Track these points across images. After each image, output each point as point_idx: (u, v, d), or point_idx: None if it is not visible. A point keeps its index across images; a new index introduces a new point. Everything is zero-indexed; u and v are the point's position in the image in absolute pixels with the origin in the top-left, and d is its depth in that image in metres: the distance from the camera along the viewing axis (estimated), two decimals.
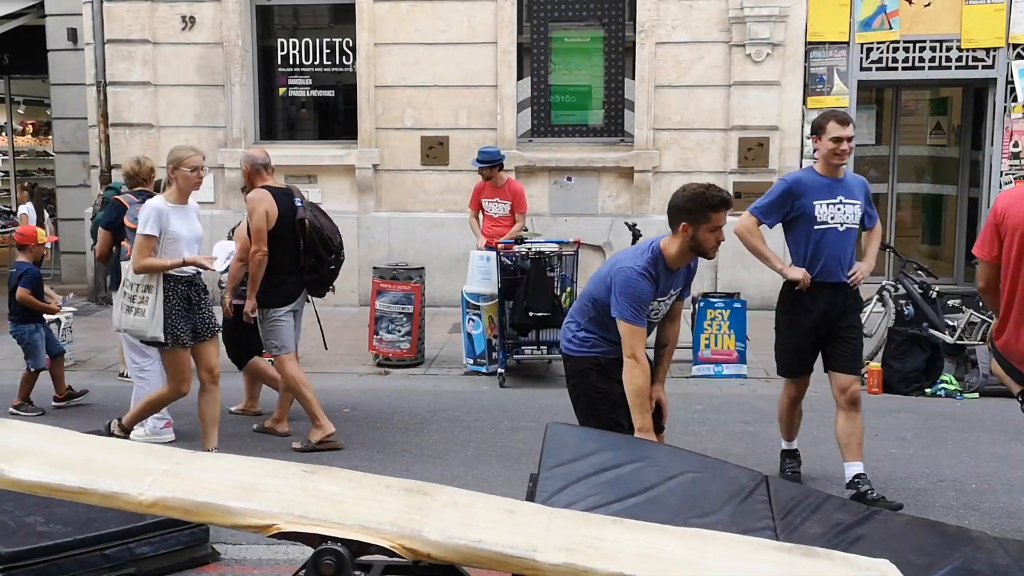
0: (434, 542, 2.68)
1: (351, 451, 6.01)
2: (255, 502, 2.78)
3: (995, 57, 10.08)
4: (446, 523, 2.80)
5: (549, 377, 7.96)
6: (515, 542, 2.72)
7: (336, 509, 2.83)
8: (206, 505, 2.77)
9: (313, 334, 9.11)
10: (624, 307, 3.93)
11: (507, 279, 7.68)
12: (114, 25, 10.77)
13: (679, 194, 4.02)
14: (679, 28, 10.31)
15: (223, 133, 10.90)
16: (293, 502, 2.81)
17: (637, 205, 10.48)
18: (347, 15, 10.76)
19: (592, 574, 2.66)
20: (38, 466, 2.90)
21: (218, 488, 2.86)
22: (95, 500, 2.84)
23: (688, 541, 2.97)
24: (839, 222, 5.00)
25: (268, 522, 2.71)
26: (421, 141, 10.71)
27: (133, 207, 6.14)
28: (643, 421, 3.95)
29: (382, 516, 2.80)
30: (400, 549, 2.67)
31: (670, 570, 2.73)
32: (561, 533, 2.88)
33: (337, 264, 6.27)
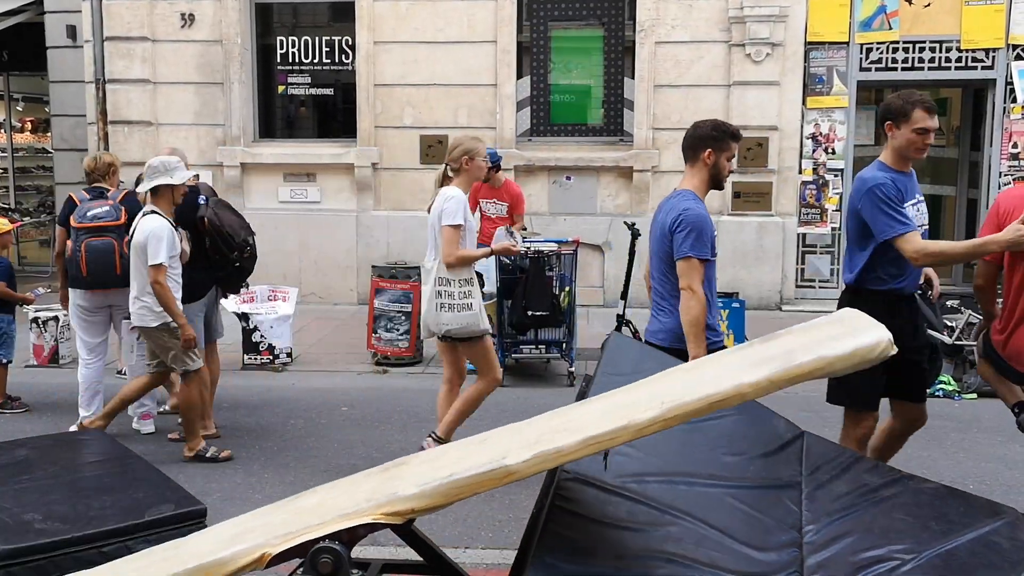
0: (410, 495, 2.65)
1: (349, 449, 6.01)
2: (242, 543, 2.77)
3: (995, 58, 10.08)
4: (419, 476, 2.78)
5: (548, 376, 7.96)
6: (485, 458, 2.70)
7: (317, 514, 2.82)
8: (197, 569, 2.76)
9: (314, 333, 9.11)
10: (691, 244, 4.11)
11: (506, 278, 7.68)
12: (113, 22, 10.77)
13: (700, 126, 4.42)
14: (679, 28, 10.31)
15: (222, 131, 10.90)
16: (276, 525, 2.80)
17: (636, 204, 10.48)
18: (346, 13, 10.76)
19: (561, 452, 2.61)
20: None
21: (206, 549, 2.86)
22: None
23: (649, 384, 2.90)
24: (920, 224, 4.31)
25: (257, 554, 2.69)
26: (420, 140, 10.70)
27: (84, 204, 6.15)
28: (698, 350, 4.05)
29: (359, 497, 2.78)
30: (383, 517, 2.63)
31: (635, 411, 2.58)
32: (529, 432, 2.87)
33: (243, 261, 6.25)
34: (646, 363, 3.77)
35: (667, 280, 4.28)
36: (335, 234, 10.85)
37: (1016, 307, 4.10)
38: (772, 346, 2.80)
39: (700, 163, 4.30)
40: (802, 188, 10.37)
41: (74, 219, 6.09)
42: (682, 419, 2.58)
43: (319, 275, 10.88)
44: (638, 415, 2.57)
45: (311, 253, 10.88)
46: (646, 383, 3.02)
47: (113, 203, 6.14)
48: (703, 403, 2.53)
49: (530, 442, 2.70)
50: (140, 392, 6.00)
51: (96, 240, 6.02)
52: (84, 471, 4.57)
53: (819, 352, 2.54)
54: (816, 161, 10.31)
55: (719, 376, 2.64)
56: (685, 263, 4.13)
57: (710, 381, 2.64)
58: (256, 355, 8.07)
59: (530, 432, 2.89)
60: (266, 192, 10.95)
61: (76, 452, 4.79)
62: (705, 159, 4.27)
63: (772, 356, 2.64)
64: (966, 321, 7.45)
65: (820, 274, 10.59)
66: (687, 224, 4.13)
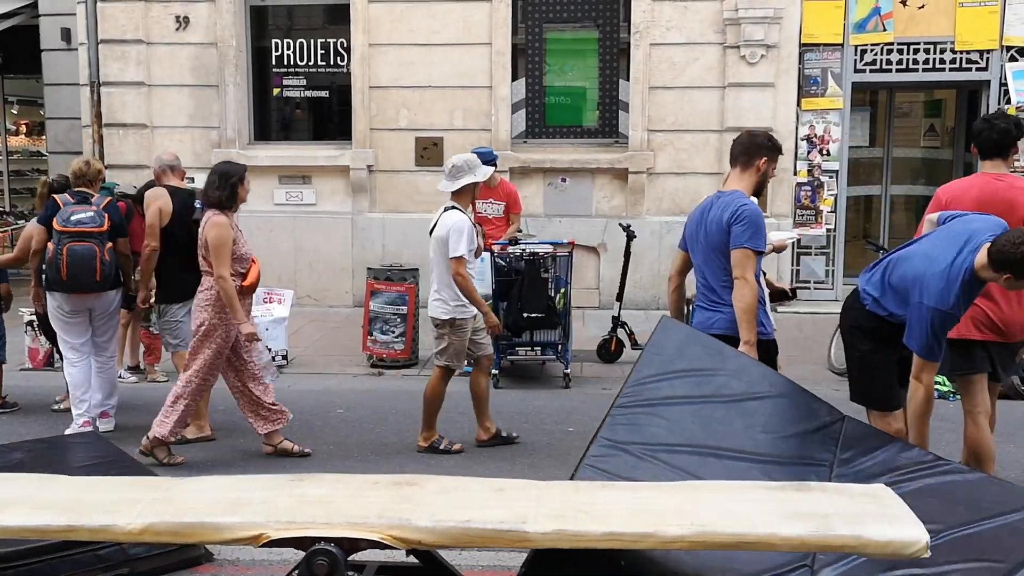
0: (423, 528, 2.66)
1: (346, 452, 6.01)
2: (242, 515, 2.77)
3: (989, 59, 10.11)
4: (434, 508, 2.78)
5: (543, 378, 7.96)
6: (504, 516, 2.70)
7: (324, 510, 2.82)
8: (194, 525, 2.76)
9: (309, 335, 9.11)
10: (748, 236, 4.34)
11: (501, 280, 7.68)
12: (108, 25, 10.75)
13: (757, 134, 4.66)
14: (673, 29, 10.32)
15: (217, 134, 10.89)
16: (280, 509, 2.80)
17: (631, 206, 10.49)
18: (341, 16, 10.75)
19: (583, 537, 2.63)
20: (24, 512, 2.88)
21: (204, 507, 2.85)
22: (84, 536, 2.84)
23: (679, 493, 2.96)
24: None
25: (256, 532, 2.70)
26: (415, 142, 10.70)
27: (67, 207, 6.11)
28: (750, 335, 4.28)
29: (369, 510, 2.78)
30: (390, 539, 2.65)
31: (663, 521, 2.66)
32: (551, 502, 2.87)
33: None
34: (691, 347, 4.01)
35: (725, 272, 4.44)
36: (330, 236, 10.84)
37: None
38: (808, 500, 2.82)
39: (753, 169, 4.54)
40: (797, 190, 10.39)
41: (57, 222, 6.04)
42: (707, 547, 2.67)
43: (314, 277, 10.88)
44: (666, 528, 2.63)
45: (306, 255, 10.88)
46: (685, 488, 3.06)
47: (97, 209, 6.12)
48: (732, 540, 2.62)
49: (553, 514, 2.73)
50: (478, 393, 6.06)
51: (78, 245, 5.98)
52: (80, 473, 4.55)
53: (857, 530, 2.59)
54: (811, 163, 10.33)
55: (754, 518, 2.69)
56: (741, 253, 4.33)
57: (744, 518, 2.69)
58: None
59: (552, 501, 2.90)
60: (261, 194, 10.92)
61: (70, 455, 4.79)
62: (760, 166, 4.53)
63: (809, 513, 2.69)
64: None
65: (815, 275, 10.61)
66: (747, 218, 4.35)
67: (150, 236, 6.14)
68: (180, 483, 3.24)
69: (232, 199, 5.75)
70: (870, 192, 11.10)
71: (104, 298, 6.23)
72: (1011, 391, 7.11)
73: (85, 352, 6.26)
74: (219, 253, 5.53)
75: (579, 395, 7.40)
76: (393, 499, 2.89)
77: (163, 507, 2.86)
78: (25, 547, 3.75)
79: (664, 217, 10.44)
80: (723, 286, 4.46)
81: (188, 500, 2.94)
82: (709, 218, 4.50)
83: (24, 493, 3.09)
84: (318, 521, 2.73)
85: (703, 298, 4.62)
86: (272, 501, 2.90)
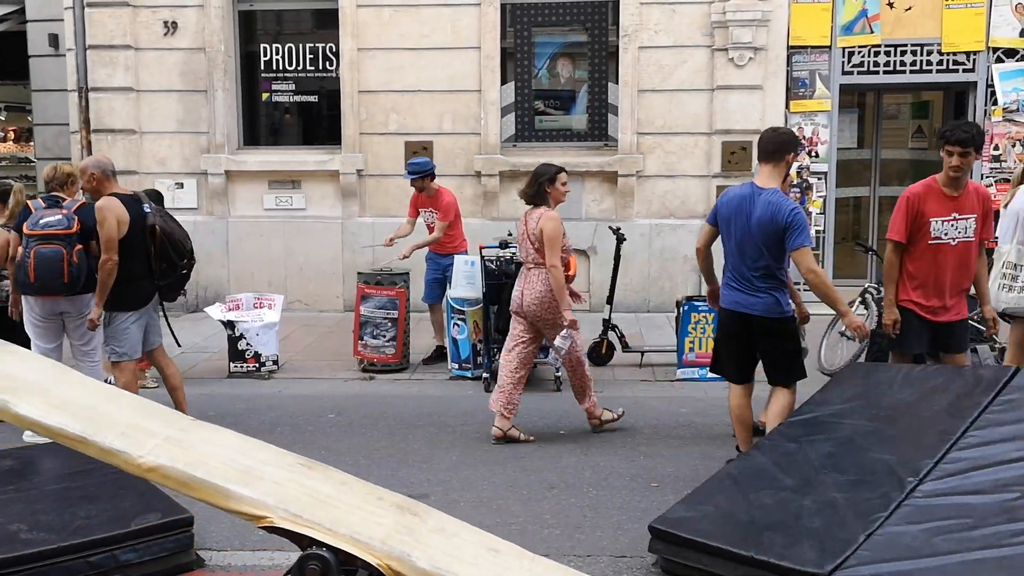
0: (421, 569, 2.70)
1: (337, 456, 5.99)
2: (252, 489, 2.77)
3: (975, 60, 10.18)
4: (434, 551, 2.82)
5: (534, 381, 7.95)
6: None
7: (329, 513, 2.83)
8: (204, 483, 2.75)
9: (300, 340, 9.12)
10: (805, 236, 5.00)
11: (492, 284, 7.68)
12: (96, 31, 10.72)
13: (782, 131, 5.37)
14: (662, 33, 10.35)
15: (206, 139, 10.87)
16: (288, 497, 2.81)
17: (621, 209, 10.51)
18: (330, 20, 10.75)
19: None
20: (43, 405, 2.86)
21: (218, 467, 2.84)
22: (93, 452, 2.81)
23: None
24: None
25: (263, 513, 2.71)
26: (405, 146, 10.70)
27: (38, 211, 6.16)
28: (843, 308, 5.20)
29: (374, 531, 2.80)
30: (386, 569, 2.68)
31: None
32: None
33: (188, 268, 6.27)
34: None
35: (758, 261, 5.06)
36: (320, 241, 10.83)
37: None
38: None
39: (784, 164, 5.15)
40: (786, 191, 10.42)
41: (26, 226, 6.12)
42: None
43: (305, 282, 10.86)
44: None
45: (296, 260, 10.87)
46: None
47: (67, 212, 6.15)
48: None
49: None
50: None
51: (45, 247, 6.02)
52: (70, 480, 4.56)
53: None
54: (800, 164, 10.36)
55: None
56: (805, 252, 4.99)
57: None
58: (242, 363, 8.05)
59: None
60: (251, 200, 10.93)
61: (62, 461, 4.77)
62: (789, 160, 5.14)
63: None
64: None
65: None
66: (801, 221, 4.99)
67: (110, 250, 5.80)
68: (196, 426, 3.23)
69: (540, 196, 6.18)
70: (859, 193, 11.14)
71: (77, 301, 6.24)
72: None
73: (55, 359, 6.19)
74: (553, 245, 6.02)
75: (570, 398, 7.38)
76: (395, 527, 2.91)
77: (176, 451, 2.85)
78: (15, 555, 3.74)
79: (654, 220, 10.47)
80: (756, 275, 5.09)
81: (202, 451, 2.93)
82: (755, 213, 5.04)
83: (43, 380, 3.08)
84: (324, 525, 2.74)
85: (736, 280, 5.21)
86: (283, 485, 2.90)
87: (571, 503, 5.17)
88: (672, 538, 4.02)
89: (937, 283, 5.34)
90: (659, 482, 5.46)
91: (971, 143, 5.22)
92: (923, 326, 5.42)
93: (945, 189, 5.34)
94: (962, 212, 5.30)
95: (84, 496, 4.31)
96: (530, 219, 6.19)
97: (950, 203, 5.30)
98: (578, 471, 5.68)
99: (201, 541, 4.39)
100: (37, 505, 4.21)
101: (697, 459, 5.86)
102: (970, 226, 5.30)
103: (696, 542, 3.89)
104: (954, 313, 5.41)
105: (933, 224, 5.28)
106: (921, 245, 5.32)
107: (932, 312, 5.37)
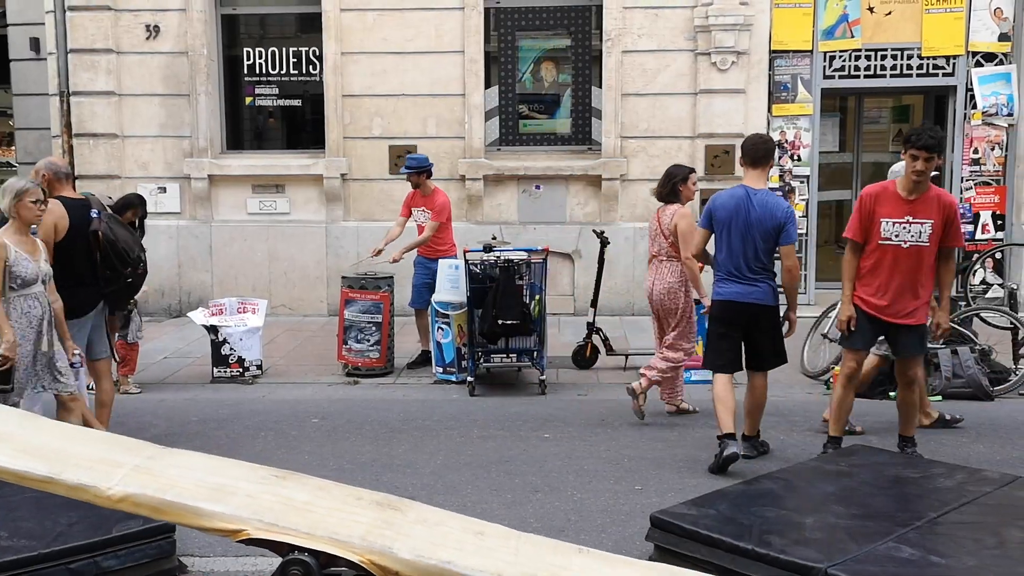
0: (404, 560, 2.68)
1: (321, 461, 5.98)
2: (225, 505, 2.76)
3: (955, 65, 10.26)
4: (416, 541, 2.80)
5: (519, 385, 7.97)
6: (484, 565, 2.73)
7: (306, 518, 2.81)
8: (175, 504, 2.74)
9: (284, 344, 9.10)
10: (795, 232, 5.82)
11: (476, 287, 7.69)
12: (77, 34, 10.67)
13: (764, 138, 6.10)
14: (645, 36, 10.39)
15: (189, 143, 10.83)
16: (263, 508, 2.79)
17: (605, 213, 10.54)
18: (313, 24, 10.74)
19: None
20: (7, 451, 2.84)
21: (188, 487, 2.83)
22: (62, 491, 2.78)
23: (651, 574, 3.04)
24: None
25: (238, 527, 2.69)
26: (389, 150, 10.69)
27: None
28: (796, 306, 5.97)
29: (353, 530, 2.79)
30: (369, 564, 2.66)
31: None
32: (528, 560, 2.90)
33: (135, 277, 6.09)
34: None
35: (759, 256, 5.63)
36: (304, 245, 10.81)
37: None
38: None
39: (769, 166, 5.81)
40: None
41: None
42: None
43: (288, 287, 10.84)
44: None
45: (280, 265, 10.84)
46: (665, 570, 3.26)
47: None
48: None
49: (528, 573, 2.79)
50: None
51: None
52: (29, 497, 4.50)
53: None
54: (782, 168, 10.42)
55: None
56: (792, 247, 5.72)
57: None
58: (226, 368, 8.01)
59: (527, 560, 2.94)
60: (234, 204, 10.90)
61: None
62: (772, 163, 5.82)
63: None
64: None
65: None
66: (793, 218, 5.70)
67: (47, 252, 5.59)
68: (164, 453, 3.21)
69: (674, 195, 6.66)
70: (841, 197, 11.21)
71: None
72: (979, 391, 7.20)
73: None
74: (687, 239, 6.40)
75: (555, 401, 7.41)
76: (375, 522, 2.90)
77: (146, 478, 2.83)
78: None
79: (637, 223, 10.49)
80: (753, 268, 5.64)
81: (171, 476, 2.91)
82: (755, 213, 5.59)
83: (8, 429, 3.05)
84: (301, 530, 2.73)
85: (735, 273, 5.69)
86: (257, 497, 2.88)
87: (555, 506, 5.18)
88: (672, 528, 4.07)
89: (886, 283, 5.41)
90: (643, 485, 5.48)
91: (936, 148, 5.25)
92: (870, 325, 5.53)
93: (902, 192, 5.37)
94: (917, 216, 5.32)
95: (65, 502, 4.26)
96: (663, 215, 6.70)
97: (905, 206, 5.33)
98: (562, 474, 5.69)
99: (183, 547, 4.37)
100: (17, 512, 4.17)
101: (681, 462, 5.88)
102: (925, 231, 5.31)
103: (697, 533, 3.95)
104: (907, 317, 5.44)
105: (883, 225, 5.35)
106: (872, 244, 5.43)
107: (880, 311, 5.45)
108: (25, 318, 5.29)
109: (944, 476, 4.71)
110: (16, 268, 5.23)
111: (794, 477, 4.86)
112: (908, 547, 3.72)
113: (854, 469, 4.83)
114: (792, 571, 3.60)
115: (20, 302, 5.28)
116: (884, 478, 4.68)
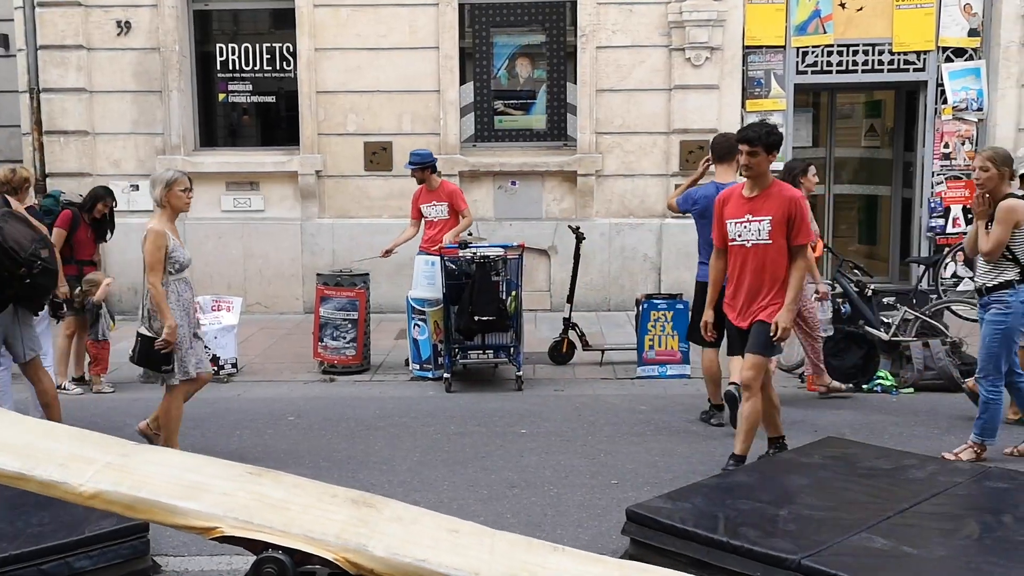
0: (379, 558, 2.68)
1: (297, 459, 5.96)
2: (199, 503, 2.74)
3: (925, 60, 10.35)
4: (391, 539, 2.80)
5: (495, 381, 7.97)
6: (459, 564, 2.73)
7: (281, 516, 2.80)
8: (148, 502, 2.71)
9: (259, 342, 9.05)
10: None
11: (452, 284, 7.68)
12: (47, 30, 10.55)
13: (728, 136, 6.39)
14: (619, 32, 10.41)
15: (161, 140, 10.74)
16: (237, 505, 2.78)
17: (581, 208, 10.55)
18: (287, 20, 10.67)
19: None
20: None
21: (162, 485, 2.81)
22: (34, 487, 2.76)
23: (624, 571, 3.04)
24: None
25: (211, 524, 2.68)
26: (364, 147, 10.66)
27: None
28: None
29: (327, 527, 2.78)
30: (344, 562, 2.66)
31: None
32: (504, 558, 2.91)
33: (34, 278, 5.53)
34: None
35: None
36: (279, 243, 10.75)
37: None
38: None
39: (735, 162, 5.91)
40: None
41: None
42: None
43: (264, 284, 10.77)
44: None
45: (255, 262, 10.77)
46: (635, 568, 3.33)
47: None
48: None
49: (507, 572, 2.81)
50: None
51: None
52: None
53: None
54: None
55: None
56: None
57: None
58: None
59: (503, 558, 2.95)
60: (208, 201, 10.81)
61: None
62: (739, 158, 5.45)
63: None
64: (902, 317, 7.63)
65: None
66: None
67: None
68: (137, 450, 3.18)
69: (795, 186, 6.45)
70: (814, 191, 11.27)
71: None
72: (951, 383, 7.27)
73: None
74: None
75: (532, 397, 7.42)
76: (350, 520, 2.89)
77: (118, 475, 2.80)
78: None
79: (613, 219, 10.52)
80: None
81: (144, 473, 2.89)
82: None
83: None
84: (275, 527, 2.72)
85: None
86: (231, 495, 2.86)
87: (532, 502, 5.19)
88: (648, 521, 4.11)
89: (738, 283, 5.34)
90: (619, 479, 5.50)
91: (758, 141, 5.13)
92: (728, 326, 5.50)
93: (743, 191, 5.33)
94: (756, 214, 5.20)
95: (37, 502, 4.23)
96: None
97: (745, 205, 5.27)
98: (538, 470, 5.70)
99: (157, 547, 4.34)
100: None
101: (657, 456, 5.90)
102: (764, 228, 5.16)
103: (672, 526, 4.01)
104: (751, 317, 5.31)
105: (728, 225, 5.32)
106: (727, 246, 5.39)
107: (734, 310, 5.38)
108: (180, 301, 5.58)
109: (916, 468, 4.77)
110: (175, 254, 5.53)
111: (768, 470, 4.91)
112: (881, 538, 3.77)
113: (827, 461, 4.88)
114: (766, 563, 3.64)
115: (176, 286, 5.58)
116: (857, 470, 4.72)
